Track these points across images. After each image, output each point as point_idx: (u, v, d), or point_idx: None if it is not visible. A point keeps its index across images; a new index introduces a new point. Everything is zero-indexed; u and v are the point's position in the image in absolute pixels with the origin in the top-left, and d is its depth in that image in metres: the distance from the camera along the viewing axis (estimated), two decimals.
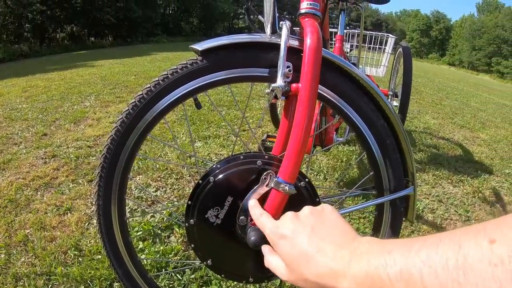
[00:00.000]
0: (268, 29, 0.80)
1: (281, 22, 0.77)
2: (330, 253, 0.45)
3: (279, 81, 0.73)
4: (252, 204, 0.71)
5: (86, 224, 1.63)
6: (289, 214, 0.56)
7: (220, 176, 0.78)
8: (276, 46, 0.77)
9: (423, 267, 0.33)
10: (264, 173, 0.76)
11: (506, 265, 0.27)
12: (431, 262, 0.33)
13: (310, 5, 0.81)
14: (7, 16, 14.80)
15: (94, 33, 20.40)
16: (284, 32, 0.75)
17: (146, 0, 21.69)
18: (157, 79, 0.81)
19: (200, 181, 0.79)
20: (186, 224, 0.81)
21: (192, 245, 0.83)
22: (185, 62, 0.80)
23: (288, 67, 0.76)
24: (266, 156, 0.79)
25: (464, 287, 0.29)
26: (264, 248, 0.60)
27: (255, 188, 0.76)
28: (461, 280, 0.29)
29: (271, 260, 0.56)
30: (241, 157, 0.79)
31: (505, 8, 42.56)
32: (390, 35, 3.33)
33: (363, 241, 0.44)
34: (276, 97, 0.76)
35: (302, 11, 0.82)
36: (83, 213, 1.71)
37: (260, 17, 0.92)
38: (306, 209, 0.55)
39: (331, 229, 0.49)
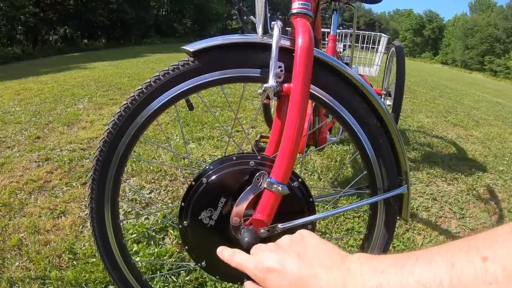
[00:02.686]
0: (259, 30, 0.80)
1: (272, 23, 0.77)
2: (323, 276, 0.43)
3: (271, 81, 0.73)
4: (219, 250, 0.64)
5: (80, 227, 1.62)
6: (270, 246, 0.54)
7: (213, 177, 0.78)
8: (268, 46, 0.77)
9: (417, 287, 0.32)
10: (257, 174, 0.76)
11: (501, 283, 0.27)
12: (425, 282, 0.32)
13: (301, 5, 0.82)
14: None
15: (87, 35, 20.33)
16: (276, 32, 0.75)
17: (139, 2, 21.64)
18: (149, 80, 0.81)
19: (193, 183, 0.79)
20: (180, 225, 0.81)
21: (186, 247, 0.83)
22: (177, 63, 0.80)
23: (279, 67, 0.76)
24: (258, 157, 0.79)
25: None
26: (247, 285, 0.55)
27: (247, 188, 0.76)
28: None
29: None
30: (234, 158, 0.79)
31: (497, 7, 42.78)
32: (383, 34, 3.34)
33: (353, 260, 0.43)
34: (268, 97, 0.76)
35: (294, 11, 0.82)
36: (77, 216, 1.70)
37: (252, 17, 0.92)
38: (285, 238, 0.53)
39: (317, 253, 0.48)
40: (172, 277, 1.32)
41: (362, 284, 0.38)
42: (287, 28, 0.82)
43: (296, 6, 0.82)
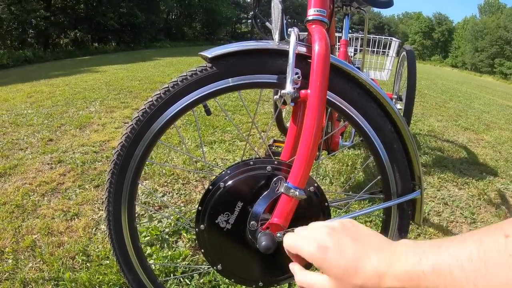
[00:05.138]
0: (276, 36, 0.81)
1: (289, 29, 0.78)
2: (374, 257, 0.48)
3: (289, 88, 0.74)
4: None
5: (94, 230, 1.64)
6: (325, 228, 0.55)
7: (230, 182, 0.79)
8: (285, 53, 0.78)
9: (451, 262, 0.38)
10: (275, 179, 0.77)
11: None
12: (457, 257, 0.38)
13: (317, 11, 0.82)
14: (11, 22, 14.90)
15: (98, 38, 20.49)
16: (293, 39, 0.76)
17: (149, 6, 21.80)
18: (167, 86, 0.82)
19: (210, 187, 0.80)
20: (197, 229, 0.82)
21: (203, 250, 0.84)
22: (195, 69, 0.81)
23: (297, 73, 0.77)
24: (275, 162, 0.79)
25: (486, 276, 0.34)
26: (293, 266, 0.58)
27: (265, 193, 0.77)
28: (483, 270, 0.34)
29: (307, 277, 0.55)
30: (251, 162, 0.80)
31: (507, 9, 42.31)
32: (394, 38, 3.33)
33: (399, 244, 0.48)
34: (285, 103, 0.77)
35: (310, 17, 0.83)
36: (90, 218, 1.72)
37: (267, 23, 0.93)
38: (337, 223, 0.56)
39: (368, 238, 0.52)
40: (186, 280, 1.33)
41: (405, 262, 0.44)
42: (300, 33, 0.83)
43: (312, 13, 0.83)
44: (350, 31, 3.40)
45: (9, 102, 4.34)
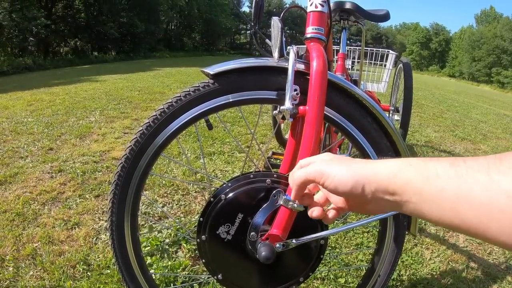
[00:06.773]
0: (275, 53, 0.84)
1: (288, 47, 0.81)
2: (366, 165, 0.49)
3: (287, 104, 0.77)
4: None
5: (94, 239, 1.65)
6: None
7: (231, 194, 0.82)
8: (284, 70, 0.81)
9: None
10: (274, 191, 0.79)
11: None
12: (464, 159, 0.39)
13: (315, 29, 0.86)
14: (12, 29, 14.96)
15: (98, 47, 20.54)
16: (292, 56, 0.79)
17: (149, 16, 21.91)
18: (171, 101, 0.85)
19: (212, 199, 0.82)
20: (198, 240, 0.84)
21: (203, 260, 0.86)
22: (197, 85, 0.84)
23: (295, 90, 0.80)
24: (275, 175, 0.82)
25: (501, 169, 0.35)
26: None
27: (264, 205, 0.79)
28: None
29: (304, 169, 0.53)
30: (251, 176, 0.82)
31: (503, 19, 42.54)
32: (391, 51, 3.35)
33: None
34: (284, 118, 0.79)
35: (308, 35, 0.86)
36: (90, 228, 1.73)
37: (267, 40, 0.96)
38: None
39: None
40: None
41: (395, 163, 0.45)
42: (298, 46, 0.86)
43: (310, 31, 0.86)
44: (348, 42, 3.43)
45: (9, 110, 4.35)
